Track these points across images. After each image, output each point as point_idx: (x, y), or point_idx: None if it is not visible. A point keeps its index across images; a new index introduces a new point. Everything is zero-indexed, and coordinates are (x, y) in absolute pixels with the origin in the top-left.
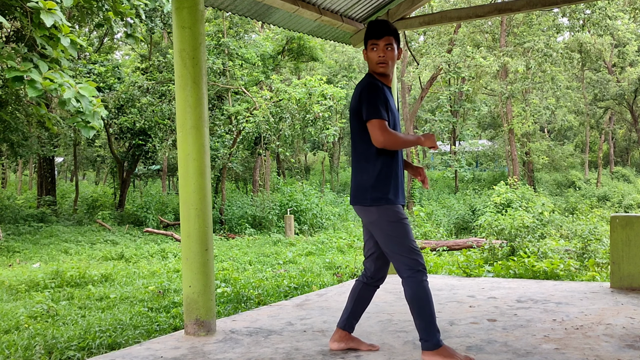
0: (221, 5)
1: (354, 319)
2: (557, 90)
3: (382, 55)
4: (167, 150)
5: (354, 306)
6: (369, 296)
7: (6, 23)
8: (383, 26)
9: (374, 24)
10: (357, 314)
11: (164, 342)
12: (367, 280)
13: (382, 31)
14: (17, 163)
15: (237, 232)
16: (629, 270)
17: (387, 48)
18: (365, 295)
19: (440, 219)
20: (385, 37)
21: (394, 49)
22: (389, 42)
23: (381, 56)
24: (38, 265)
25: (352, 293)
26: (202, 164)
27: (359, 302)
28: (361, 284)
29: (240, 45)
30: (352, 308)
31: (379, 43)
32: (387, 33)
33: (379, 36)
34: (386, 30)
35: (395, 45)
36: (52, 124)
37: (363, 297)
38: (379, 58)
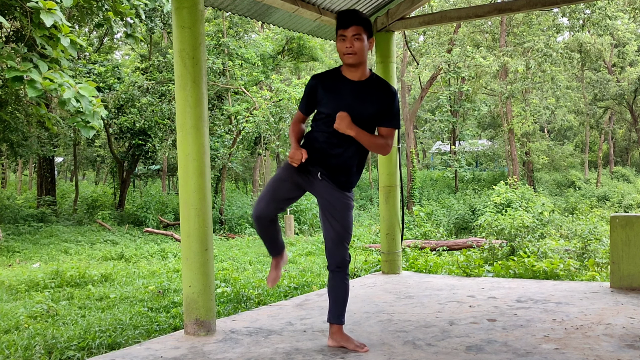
0: (221, 5)
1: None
2: (557, 90)
3: (349, 46)
4: (167, 150)
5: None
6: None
7: (6, 23)
8: (351, 16)
9: (342, 14)
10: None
11: (163, 342)
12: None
13: (349, 21)
14: (17, 163)
15: (237, 232)
16: (629, 270)
17: (355, 38)
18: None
19: (440, 219)
20: (353, 27)
21: (363, 39)
22: (357, 32)
23: (348, 47)
24: (38, 265)
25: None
26: (202, 164)
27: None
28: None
29: (240, 45)
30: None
31: (346, 33)
32: (355, 22)
33: (346, 26)
34: (354, 19)
35: (364, 36)
36: (52, 124)
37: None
38: (346, 49)
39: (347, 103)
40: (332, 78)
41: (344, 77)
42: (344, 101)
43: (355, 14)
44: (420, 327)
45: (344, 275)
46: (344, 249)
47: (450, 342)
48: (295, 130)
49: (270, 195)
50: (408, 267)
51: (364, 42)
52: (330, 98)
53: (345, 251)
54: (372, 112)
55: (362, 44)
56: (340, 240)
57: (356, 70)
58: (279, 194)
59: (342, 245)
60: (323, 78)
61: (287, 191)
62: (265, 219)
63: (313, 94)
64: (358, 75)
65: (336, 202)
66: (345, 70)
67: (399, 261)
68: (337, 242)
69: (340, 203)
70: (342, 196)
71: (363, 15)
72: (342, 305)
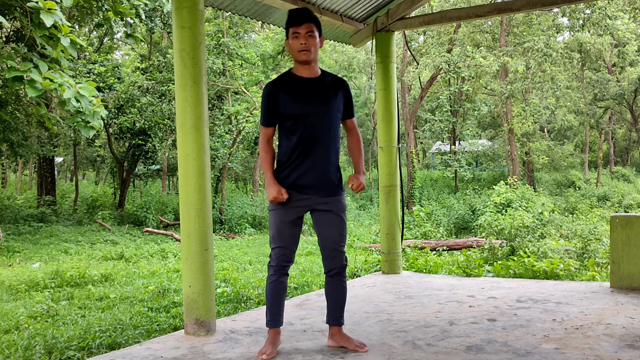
0: (221, 5)
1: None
2: (557, 90)
3: (304, 43)
4: (167, 150)
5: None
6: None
7: (6, 23)
8: (303, 14)
9: (295, 12)
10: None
11: (163, 342)
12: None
13: (302, 18)
14: (17, 163)
15: (237, 232)
16: (629, 270)
17: (308, 35)
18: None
19: (440, 219)
20: (306, 24)
21: (316, 36)
22: (309, 29)
23: (303, 43)
24: (38, 265)
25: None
26: (202, 164)
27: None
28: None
29: (240, 45)
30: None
31: (300, 31)
32: (308, 20)
33: (299, 23)
34: (307, 17)
35: (316, 33)
36: (52, 124)
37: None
38: (301, 45)
39: (314, 100)
40: (288, 80)
41: (299, 76)
42: (311, 99)
43: (307, 11)
44: (420, 327)
45: (342, 278)
46: (342, 254)
47: (450, 342)
48: (268, 157)
49: (283, 241)
50: (408, 267)
51: (316, 39)
52: (296, 99)
53: (343, 255)
54: (338, 105)
55: (315, 41)
56: (338, 246)
57: (310, 67)
58: (287, 236)
59: (339, 251)
60: (279, 83)
61: (293, 228)
62: (286, 269)
63: (274, 101)
64: (312, 72)
65: (331, 209)
66: (298, 70)
67: (399, 261)
68: (335, 249)
69: (335, 208)
70: (335, 200)
71: (314, 14)
72: (341, 307)
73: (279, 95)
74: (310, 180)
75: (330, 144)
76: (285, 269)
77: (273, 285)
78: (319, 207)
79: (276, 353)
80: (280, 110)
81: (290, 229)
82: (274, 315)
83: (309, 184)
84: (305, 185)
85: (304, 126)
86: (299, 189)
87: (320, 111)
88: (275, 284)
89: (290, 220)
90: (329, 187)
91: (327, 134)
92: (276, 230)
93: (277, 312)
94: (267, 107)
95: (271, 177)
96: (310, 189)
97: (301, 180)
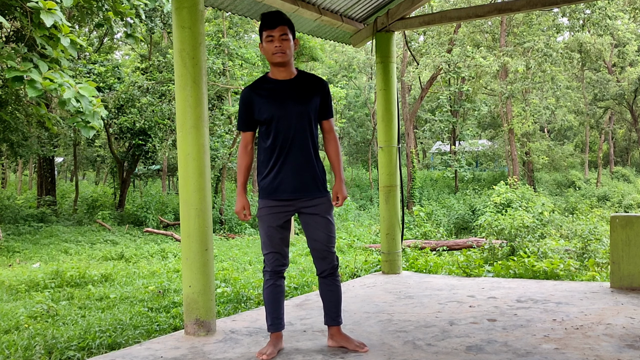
0: (221, 5)
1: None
2: (557, 90)
3: (279, 45)
4: (167, 150)
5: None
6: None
7: (6, 23)
8: (277, 17)
9: (267, 16)
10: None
11: (164, 342)
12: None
13: (276, 21)
14: (17, 163)
15: (237, 232)
16: (629, 270)
17: (282, 38)
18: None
19: (440, 219)
20: (280, 27)
21: (289, 38)
22: (283, 32)
23: (277, 46)
24: (38, 265)
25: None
26: (202, 164)
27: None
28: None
29: (240, 45)
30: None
31: (274, 34)
32: (281, 23)
33: (273, 26)
34: (280, 20)
35: (290, 36)
36: (52, 124)
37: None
38: (275, 48)
39: (287, 101)
40: (264, 83)
41: (274, 79)
42: (285, 100)
43: (280, 14)
44: (420, 327)
45: (335, 278)
46: (332, 255)
47: (450, 342)
48: (242, 163)
49: (274, 246)
50: (408, 267)
51: (290, 41)
52: (270, 102)
53: (333, 256)
54: (314, 105)
55: (289, 43)
56: (328, 247)
57: (285, 69)
58: (277, 240)
59: (330, 251)
60: (255, 87)
61: (282, 232)
62: (281, 272)
63: (250, 106)
64: (288, 74)
65: (317, 211)
66: (274, 73)
67: (399, 261)
68: (324, 250)
69: (320, 210)
70: (320, 202)
71: (287, 17)
72: (337, 307)
73: (253, 99)
74: (291, 184)
75: (309, 146)
76: (281, 273)
77: (270, 289)
78: (304, 210)
79: (276, 354)
80: (255, 115)
81: (279, 234)
82: (274, 320)
83: (291, 188)
84: (287, 190)
85: (278, 129)
86: (282, 193)
87: (295, 112)
88: (272, 287)
89: (278, 225)
90: (312, 190)
91: (304, 135)
92: (266, 236)
93: (277, 316)
94: (241, 111)
95: (241, 187)
96: (293, 193)
97: (283, 185)
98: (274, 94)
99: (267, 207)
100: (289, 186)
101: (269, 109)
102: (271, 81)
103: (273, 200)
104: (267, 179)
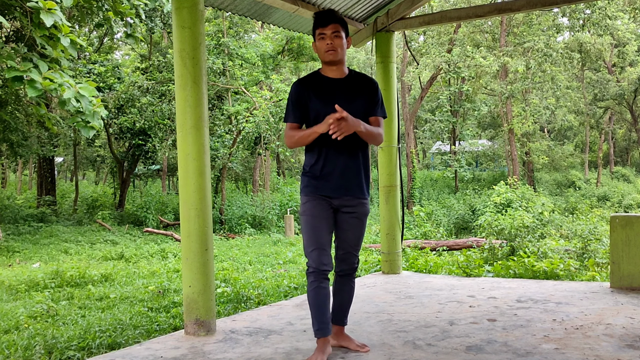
0: (221, 5)
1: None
2: (557, 90)
3: (330, 43)
4: (167, 150)
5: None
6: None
7: (6, 23)
8: (329, 15)
9: (320, 14)
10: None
11: (164, 342)
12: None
13: (328, 19)
14: (17, 163)
15: (237, 232)
16: (629, 270)
17: (334, 36)
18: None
19: (440, 219)
20: (332, 25)
21: (342, 36)
22: (336, 29)
23: (329, 44)
24: (38, 265)
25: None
26: (202, 164)
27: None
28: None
29: (240, 45)
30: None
31: (326, 32)
32: (334, 21)
33: (325, 24)
34: (332, 18)
35: (342, 34)
36: (52, 124)
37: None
38: (327, 46)
39: (335, 100)
40: (315, 79)
41: (325, 77)
42: (332, 98)
43: (333, 13)
44: (420, 327)
45: (351, 279)
46: (354, 257)
47: (450, 342)
48: (299, 132)
49: (318, 241)
50: (408, 267)
51: (342, 39)
52: (316, 98)
53: (355, 259)
54: (361, 106)
55: (342, 41)
56: (352, 249)
57: (337, 68)
58: (322, 235)
59: (353, 254)
60: (305, 82)
61: (327, 225)
62: (325, 273)
63: (298, 100)
64: (339, 73)
65: (354, 211)
66: (325, 70)
67: (399, 261)
68: (349, 252)
69: (357, 211)
70: (358, 203)
71: (340, 15)
72: (346, 308)
73: (301, 94)
74: (334, 182)
75: (354, 145)
76: (325, 273)
77: (315, 292)
78: (342, 209)
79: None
80: (303, 110)
81: (324, 226)
82: (321, 324)
83: (334, 187)
84: (329, 188)
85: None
86: (324, 191)
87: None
88: (317, 290)
89: (323, 216)
90: (353, 190)
91: (350, 134)
92: (311, 230)
93: (323, 321)
94: (290, 104)
95: (312, 128)
96: (335, 191)
97: (326, 183)
98: (323, 91)
99: (310, 202)
100: (332, 184)
101: (315, 106)
102: (322, 78)
103: (318, 196)
104: (312, 177)
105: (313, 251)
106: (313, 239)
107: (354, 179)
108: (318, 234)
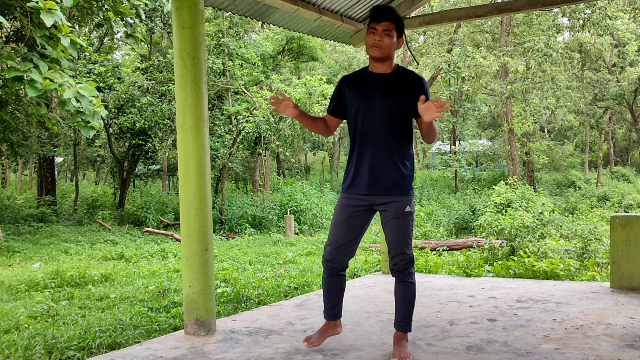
0: (221, 5)
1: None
2: (557, 90)
3: (378, 40)
4: (167, 150)
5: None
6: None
7: (6, 23)
8: (385, 11)
9: (377, 9)
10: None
11: (164, 342)
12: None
13: (382, 16)
14: (17, 163)
15: (237, 232)
16: (629, 270)
17: (385, 34)
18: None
19: (440, 219)
20: (385, 22)
21: (393, 35)
22: (387, 27)
23: (377, 40)
24: (38, 265)
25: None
26: (202, 164)
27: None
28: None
29: (240, 45)
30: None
31: (377, 27)
32: (388, 18)
33: (379, 20)
34: (388, 15)
35: (394, 33)
36: (52, 124)
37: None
38: (374, 41)
39: (372, 94)
40: (360, 75)
41: (370, 72)
42: (370, 92)
43: (390, 10)
44: (420, 327)
45: (404, 278)
46: (401, 255)
47: (450, 342)
48: (316, 122)
49: (335, 239)
50: None
51: (393, 38)
52: (357, 93)
53: (403, 256)
54: (405, 101)
55: (391, 40)
56: (397, 248)
57: (382, 64)
58: (340, 234)
59: (398, 253)
60: (350, 77)
61: (348, 226)
62: (334, 270)
63: (341, 93)
64: (384, 69)
65: (388, 208)
66: (371, 66)
67: None
68: (391, 249)
69: (395, 209)
70: (393, 201)
71: (398, 14)
72: (403, 310)
73: (345, 88)
74: (367, 179)
75: (390, 142)
76: (334, 270)
77: (325, 281)
78: (378, 207)
79: (320, 344)
80: (340, 102)
81: (344, 227)
82: (327, 309)
83: (367, 184)
84: (363, 185)
85: (360, 121)
86: (358, 188)
87: (377, 106)
88: (326, 280)
89: (344, 217)
90: (388, 188)
91: (385, 130)
92: (333, 226)
93: (329, 307)
94: (333, 96)
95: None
96: (368, 189)
97: (360, 180)
98: (363, 86)
99: (340, 199)
100: (365, 181)
101: (354, 100)
102: (366, 73)
103: (349, 194)
104: (348, 173)
105: (327, 246)
106: (331, 235)
107: (387, 177)
108: (336, 231)
